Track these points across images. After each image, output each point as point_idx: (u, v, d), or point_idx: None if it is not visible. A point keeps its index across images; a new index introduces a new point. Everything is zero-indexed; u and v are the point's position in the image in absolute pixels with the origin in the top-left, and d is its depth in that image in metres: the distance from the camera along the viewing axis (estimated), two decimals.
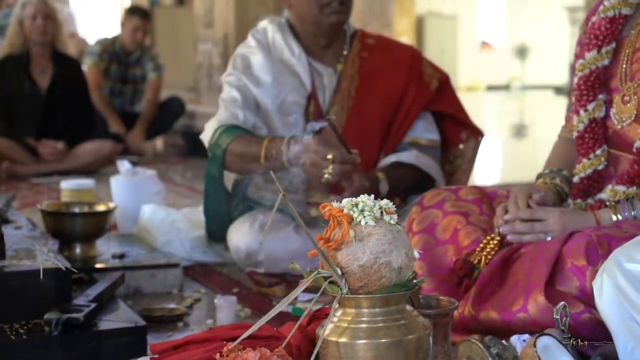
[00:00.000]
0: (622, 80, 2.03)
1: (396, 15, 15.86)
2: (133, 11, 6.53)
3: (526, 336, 1.80)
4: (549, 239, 1.96)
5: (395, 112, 2.76)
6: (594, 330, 1.76)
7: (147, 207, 2.98)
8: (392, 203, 1.53)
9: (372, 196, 1.52)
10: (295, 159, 2.41)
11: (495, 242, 2.01)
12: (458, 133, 2.88)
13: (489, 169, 6.01)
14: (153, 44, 16.82)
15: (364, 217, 1.48)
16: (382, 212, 1.50)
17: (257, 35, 2.79)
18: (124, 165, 3.25)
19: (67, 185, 3.29)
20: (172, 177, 5.31)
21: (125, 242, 2.89)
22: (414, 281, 1.49)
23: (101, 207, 2.69)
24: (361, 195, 1.52)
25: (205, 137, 2.72)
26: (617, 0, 2.09)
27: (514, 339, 1.81)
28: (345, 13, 2.71)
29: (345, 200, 1.51)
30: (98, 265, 2.54)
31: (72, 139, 5.37)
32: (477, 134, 2.91)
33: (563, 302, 1.63)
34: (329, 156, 2.34)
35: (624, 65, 2.04)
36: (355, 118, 2.73)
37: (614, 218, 1.97)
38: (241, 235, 2.60)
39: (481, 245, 2.02)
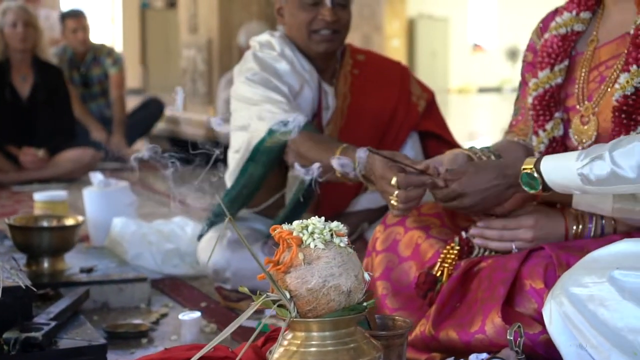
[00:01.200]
0: (580, 100, 2.01)
1: (387, 17, 15.85)
2: (66, 14, 6.54)
3: (484, 355, 1.80)
4: (514, 248, 1.95)
5: (384, 134, 2.72)
6: (553, 350, 1.75)
7: (118, 220, 2.96)
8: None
9: (322, 218, 1.51)
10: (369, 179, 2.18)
11: (455, 251, 1.99)
12: (441, 151, 2.84)
13: None
14: (144, 47, 16.88)
15: (314, 239, 1.47)
16: (332, 235, 1.49)
17: (265, 47, 2.69)
18: (96, 176, 3.24)
19: (40, 196, 3.28)
20: (153, 185, 5.30)
21: (96, 254, 2.88)
22: (364, 304, 1.49)
23: (69, 221, 2.67)
24: (312, 218, 1.51)
25: (238, 144, 2.58)
26: (568, 17, 2.07)
27: (472, 357, 1.81)
28: (337, 42, 2.64)
29: (295, 223, 1.51)
30: (64, 280, 2.52)
31: (53, 147, 5.35)
32: None
33: (517, 323, 1.63)
34: (393, 181, 2.02)
35: (581, 85, 2.02)
36: (345, 138, 2.67)
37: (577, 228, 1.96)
38: (209, 251, 2.58)
39: (442, 256, 2.00)
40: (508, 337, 1.60)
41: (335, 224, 1.50)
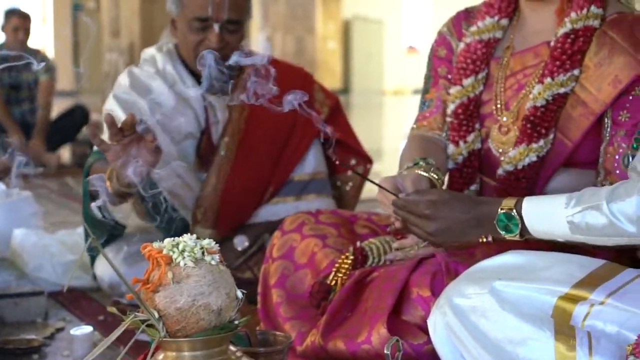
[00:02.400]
0: (498, 109, 2.00)
1: (322, 19, 15.81)
2: (11, 12, 6.44)
3: None
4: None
5: (285, 144, 2.70)
6: None
7: (19, 231, 2.90)
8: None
9: (194, 236, 1.49)
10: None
11: (349, 261, 1.98)
12: (347, 159, 2.83)
13: None
14: (76, 48, 16.63)
15: (184, 258, 1.45)
16: (203, 253, 1.47)
17: (148, 63, 2.69)
18: None
19: None
20: (69, 192, 5.22)
21: None
22: (236, 322, 1.47)
23: None
24: (183, 236, 1.49)
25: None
26: (491, 22, 2.04)
27: None
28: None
29: (166, 241, 1.48)
30: None
31: None
32: (366, 161, 2.86)
33: (395, 337, 1.62)
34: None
35: (498, 92, 2.00)
36: (245, 150, 2.66)
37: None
38: (104, 265, 2.54)
39: (336, 265, 1.99)
40: (385, 351, 1.59)
41: (207, 242, 1.48)
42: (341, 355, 1.86)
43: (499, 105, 2.00)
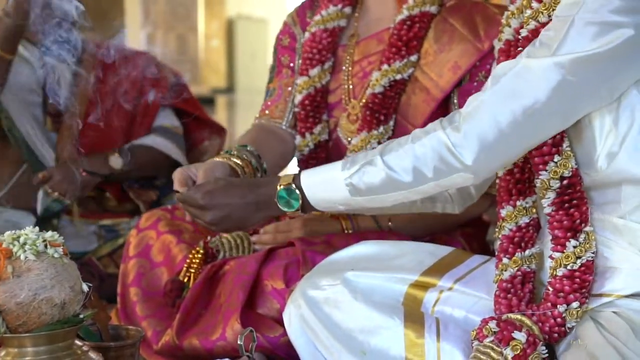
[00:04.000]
0: (346, 97, 2.02)
1: (205, 17, 15.64)
2: None
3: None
4: None
5: (136, 107, 2.77)
6: (294, 352, 1.76)
7: None
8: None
9: (37, 228, 1.46)
10: None
11: (199, 255, 1.95)
12: (201, 132, 2.94)
13: None
14: None
15: (25, 251, 1.41)
16: (46, 245, 1.44)
17: None
18: None
19: None
20: None
21: None
22: (81, 316, 1.44)
23: None
24: (27, 228, 1.45)
25: None
26: (334, 11, 2.06)
27: None
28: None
29: (7, 234, 1.44)
30: None
31: None
32: (220, 132, 2.97)
33: (249, 328, 1.62)
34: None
35: (345, 81, 2.02)
36: (94, 112, 2.73)
37: (346, 231, 1.98)
38: None
39: (188, 261, 1.96)
40: (238, 342, 1.59)
41: (50, 234, 1.45)
42: (197, 353, 1.84)
43: (346, 95, 2.02)
